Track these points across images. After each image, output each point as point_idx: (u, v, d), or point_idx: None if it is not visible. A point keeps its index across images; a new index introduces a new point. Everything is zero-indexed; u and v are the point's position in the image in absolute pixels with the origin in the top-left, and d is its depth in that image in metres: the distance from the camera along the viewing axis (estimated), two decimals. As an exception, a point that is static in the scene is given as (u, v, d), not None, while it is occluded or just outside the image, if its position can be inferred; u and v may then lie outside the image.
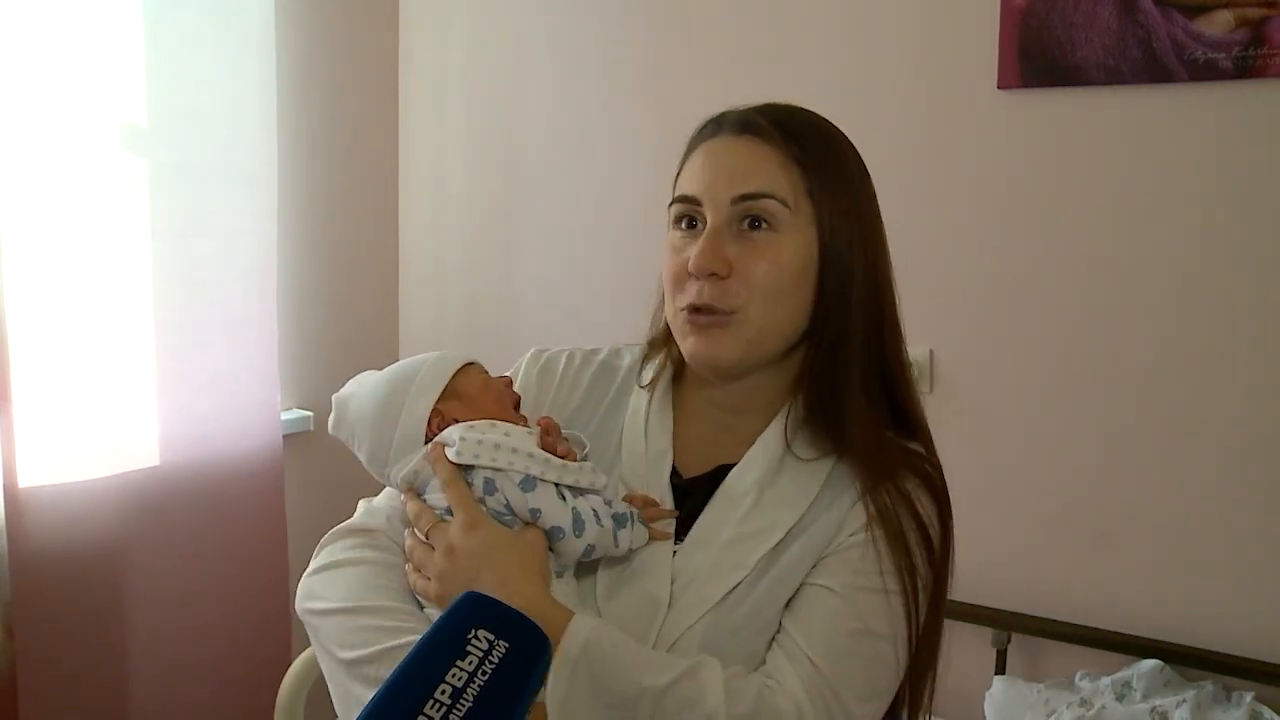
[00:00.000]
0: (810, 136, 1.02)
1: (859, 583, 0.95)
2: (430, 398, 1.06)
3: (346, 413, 1.12)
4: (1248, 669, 1.77)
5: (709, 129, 1.05)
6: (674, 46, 2.31)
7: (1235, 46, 1.75)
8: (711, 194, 0.99)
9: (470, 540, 0.96)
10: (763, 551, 0.98)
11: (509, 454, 0.98)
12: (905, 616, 0.96)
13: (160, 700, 2.10)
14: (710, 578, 0.98)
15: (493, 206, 2.59)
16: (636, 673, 0.88)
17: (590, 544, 0.97)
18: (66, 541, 1.95)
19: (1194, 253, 1.83)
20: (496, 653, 0.66)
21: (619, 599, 0.98)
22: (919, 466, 1.02)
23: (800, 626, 0.95)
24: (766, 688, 0.90)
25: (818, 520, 0.99)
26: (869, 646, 0.94)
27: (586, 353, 1.19)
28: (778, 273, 0.98)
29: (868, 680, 0.94)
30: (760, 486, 1.01)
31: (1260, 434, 1.79)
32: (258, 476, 2.25)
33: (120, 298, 2.02)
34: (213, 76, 2.11)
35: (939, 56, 2.01)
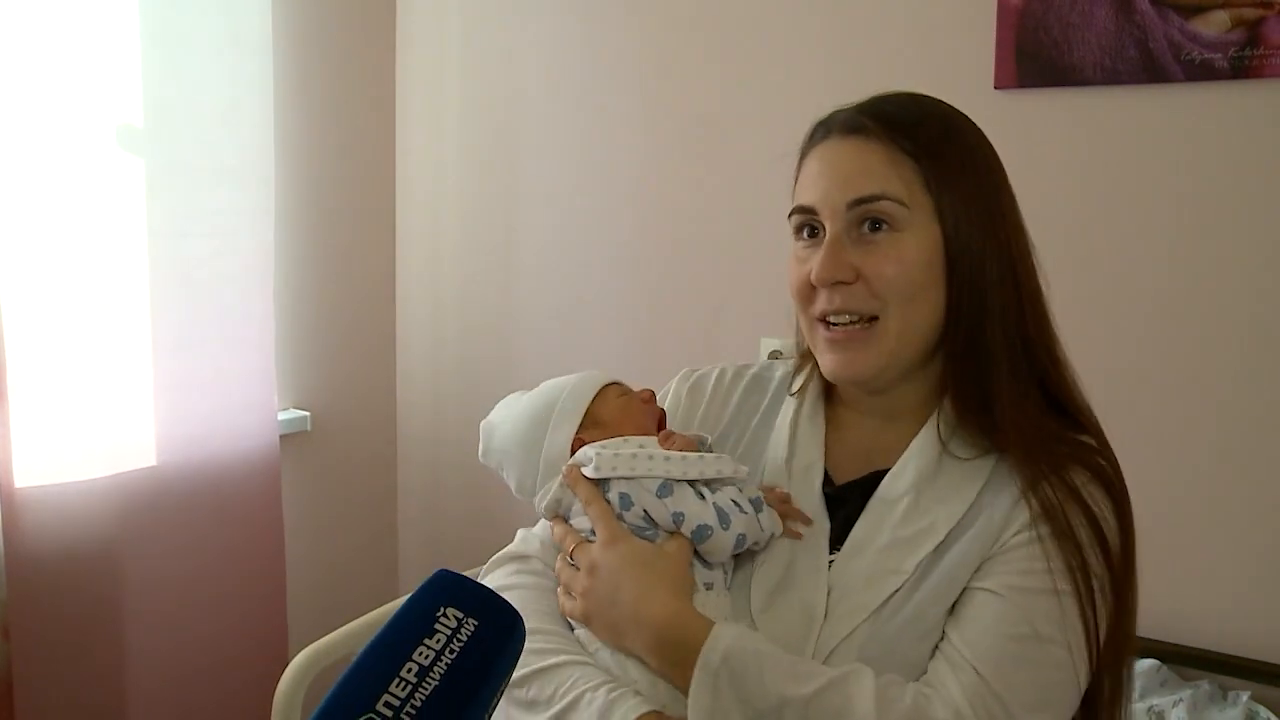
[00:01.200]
0: (921, 126, 0.99)
1: (1025, 584, 0.90)
2: (571, 426, 1.07)
3: (493, 441, 1.12)
4: (1244, 668, 1.77)
5: (818, 133, 1.03)
6: (668, 50, 2.31)
7: (1231, 47, 1.75)
8: (827, 202, 0.98)
9: (609, 556, 0.97)
10: (921, 555, 0.94)
11: (646, 461, 0.98)
12: (1080, 619, 0.89)
13: (157, 700, 2.09)
14: (867, 585, 0.95)
15: (488, 206, 2.59)
16: (780, 682, 0.86)
17: (740, 533, 0.96)
18: (63, 542, 1.95)
19: (1191, 252, 1.83)
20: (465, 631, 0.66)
21: (774, 612, 0.96)
22: (1089, 459, 0.97)
23: (962, 632, 0.90)
24: (923, 695, 0.87)
25: (979, 520, 0.94)
26: (1038, 652, 0.88)
27: (738, 368, 1.19)
28: (905, 273, 0.95)
29: (1037, 689, 0.88)
30: (917, 489, 0.98)
31: (1257, 434, 1.80)
32: (255, 476, 2.25)
33: (117, 298, 2.01)
34: (209, 76, 2.11)
35: (935, 56, 2.01)
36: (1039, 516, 0.92)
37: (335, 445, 2.59)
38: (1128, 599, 0.96)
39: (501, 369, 2.53)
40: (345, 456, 2.63)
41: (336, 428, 2.58)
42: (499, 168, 2.56)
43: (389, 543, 2.76)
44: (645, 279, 2.38)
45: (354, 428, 2.63)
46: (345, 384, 2.62)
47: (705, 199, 2.27)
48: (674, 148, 2.31)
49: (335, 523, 2.60)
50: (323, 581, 2.53)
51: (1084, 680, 0.91)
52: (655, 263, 2.36)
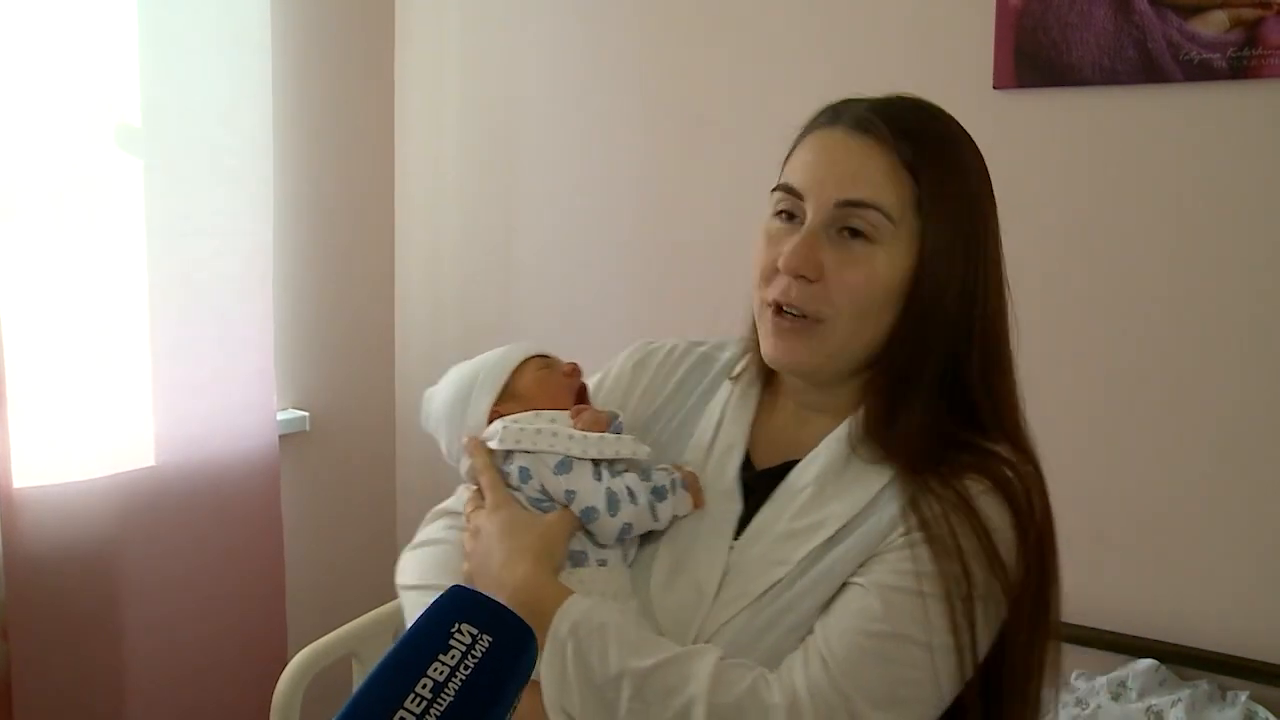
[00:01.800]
0: (931, 143, 0.97)
1: (893, 582, 0.90)
2: (489, 398, 1.10)
3: (431, 409, 1.16)
4: (1243, 668, 1.77)
5: (825, 117, 1.01)
6: (667, 48, 2.31)
7: (1230, 47, 1.75)
8: (817, 192, 0.96)
9: (490, 521, 1.00)
10: (809, 549, 0.95)
11: (550, 438, 1.01)
12: (949, 625, 0.89)
13: (156, 700, 2.09)
14: (755, 573, 0.96)
15: (488, 207, 2.59)
16: (622, 654, 0.88)
17: (627, 522, 0.98)
18: (62, 542, 1.94)
19: (1190, 252, 1.83)
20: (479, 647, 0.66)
21: (672, 590, 0.98)
22: (993, 469, 0.96)
23: (825, 623, 0.91)
24: (763, 679, 0.87)
25: (869, 521, 0.95)
26: (895, 649, 0.88)
27: (689, 344, 1.20)
28: (869, 287, 0.95)
29: (887, 686, 0.87)
30: (820, 483, 0.99)
31: (1256, 434, 1.80)
32: (254, 476, 2.25)
33: (115, 298, 2.01)
34: (208, 76, 2.11)
35: (934, 56, 2.01)
36: (916, 526, 0.92)
37: (334, 445, 2.59)
38: (1031, 609, 0.95)
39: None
40: (344, 457, 2.62)
41: (336, 428, 2.58)
42: (498, 167, 2.56)
43: (388, 543, 2.76)
44: (645, 279, 2.38)
45: (353, 428, 2.63)
46: (344, 384, 2.61)
47: (705, 198, 2.27)
48: (674, 147, 2.31)
49: (334, 523, 2.60)
50: (322, 581, 2.53)
51: (948, 686, 0.90)
52: (655, 263, 2.36)
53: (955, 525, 0.91)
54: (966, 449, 0.97)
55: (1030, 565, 0.95)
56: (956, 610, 0.89)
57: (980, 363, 0.99)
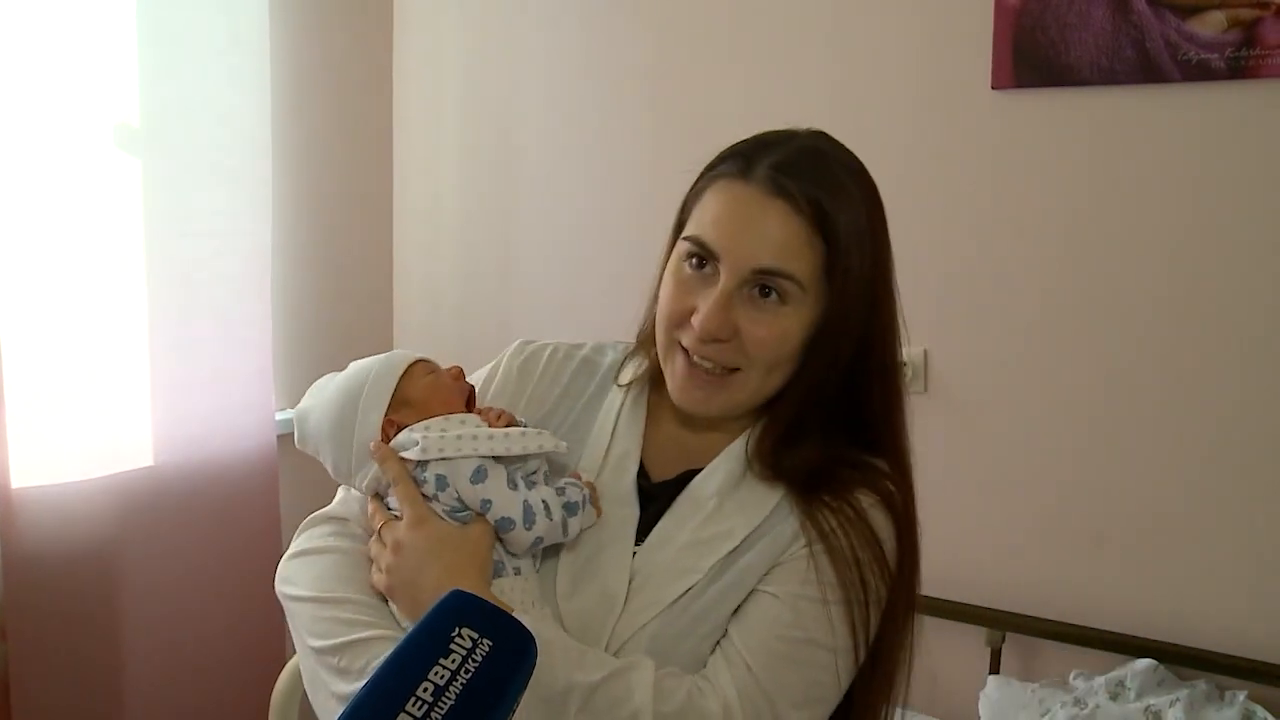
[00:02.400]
0: (839, 200, 0.98)
1: (802, 591, 0.96)
2: (380, 409, 1.06)
3: (307, 428, 1.11)
4: (1241, 668, 1.77)
5: (735, 165, 1.02)
6: (667, 48, 2.31)
7: (1228, 47, 1.76)
8: (731, 254, 0.98)
9: (415, 536, 0.99)
10: (717, 557, 0.99)
11: (471, 441, 1.00)
12: (849, 629, 0.96)
13: (155, 701, 2.09)
14: (665, 580, 0.99)
15: (487, 208, 2.59)
16: (568, 669, 0.90)
17: (539, 536, 0.98)
18: (60, 542, 1.94)
19: (1188, 252, 1.84)
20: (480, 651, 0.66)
21: (579, 597, 1.00)
22: (879, 485, 1.02)
23: (740, 630, 0.96)
24: (697, 688, 0.92)
25: (773, 530, 1.00)
26: (807, 654, 0.95)
27: (570, 347, 1.21)
28: (780, 346, 0.99)
29: (803, 687, 0.95)
30: (720, 495, 1.03)
31: (1254, 434, 1.80)
32: (252, 477, 2.24)
33: (114, 298, 2.01)
34: (207, 76, 2.11)
35: (933, 57, 2.01)
36: (815, 538, 0.98)
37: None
38: (902, 613, 1.03)
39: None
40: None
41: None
42: (497, 168, 2.56)
43: (387, 543, 2.76)
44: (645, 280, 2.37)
45: (352, 428, 2.63)
46: None
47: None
48: (672, 147, 2.31)
49: (333, 523, 2.60)
50: (320, 582, 2.52)
51: (845, 683, 0.98)
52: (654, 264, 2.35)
53: (852, 537, 0.98)
54: (851, 465, 1.04)
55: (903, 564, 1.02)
56: (855, 614, 0.97)
57: (880, 395, 1.05)
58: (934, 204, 2.00)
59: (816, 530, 0.98)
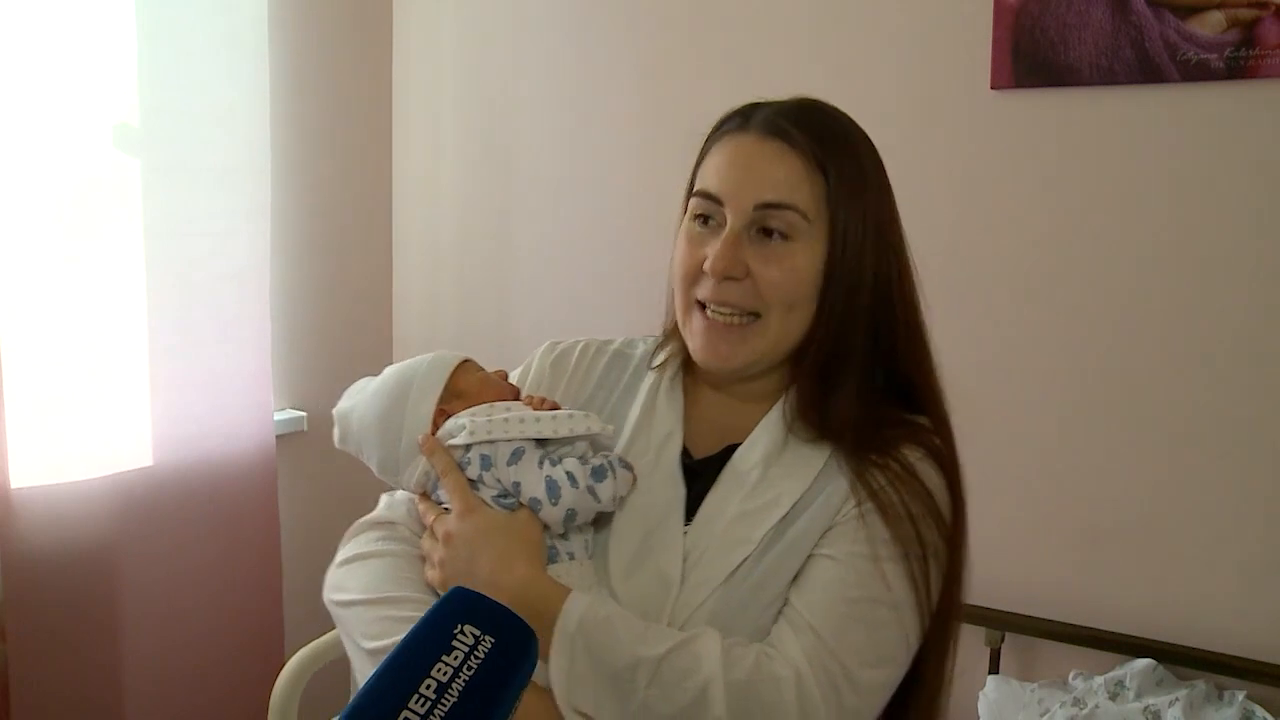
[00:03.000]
0: (836, 142, 1.02)
1: (859, 550, 0.96)
2: (432, 400, 1.07)
3: (350, 426, 1.14)
4: (1240, 668, 1.77)
5: (735, 122, 1.06)
6: (665, 50, 2.31)
7: (1227, 47, 1.76)
8: (735, 196, 1.00)
9: (464, 525, 0.99)
10: (768, 526, 0.99)
11: (518, 424, 1.00)
12: (910, 584, 0.96)
13: (154, 701, 2.09)
14: (718, 554, 0.99)
15: (486, 207, 2.59)
16: (632, 644, 0.90)
17: (570, 508, 0.98)
18: (59, 543, 1.94)
19: (1187, 252, 1.84)
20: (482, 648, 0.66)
21: (634, 580, 1.00)
22: (924, 439, 1.03)
23: (802, 595, 0.96)
24: (765, 654, 0.91)
25: (824, 493, 1.00)
26: (871, 612, 0.94)
27: (600, 343, 1.22)
28: (793, 282, 1.00)
29: (872, 646, 0.94)
30: (765, 464, 1.02)
31: (1253, 433, 1.80)
32: (251, 477, 2.24)
33: (113, 298, 2.01)
34: (206, 76, 2.11)
35: (932, 56, 2.01)
36: (866, 497, 0.98)
37: (331, 446, 2.56)
38: (957, 564, 1.03)
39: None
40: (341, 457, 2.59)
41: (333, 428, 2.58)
42: (495, 168, 2.56)
43: (386, 543, 2.76)
44: (643, 280, 2.37)
45: (351, 428, 2.63)
46: (342, 385, 2.57)
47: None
48: (670, 147, 2.30)
49: (331, 523, 2.58)
50: (319, 582, 2.50)
51: (914, 639, 0.98)
52: (653, 263, 2.35)
53: (902, 492, 0.98)
54: (894, 423, 1.04)
55: (956, 516, 1.02)
56: (914, 570, 0.96)
57: (905, 340, 1.05)
58: (932, 204, 2.00)
59: (866, 489, 0.98)
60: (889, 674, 0.96)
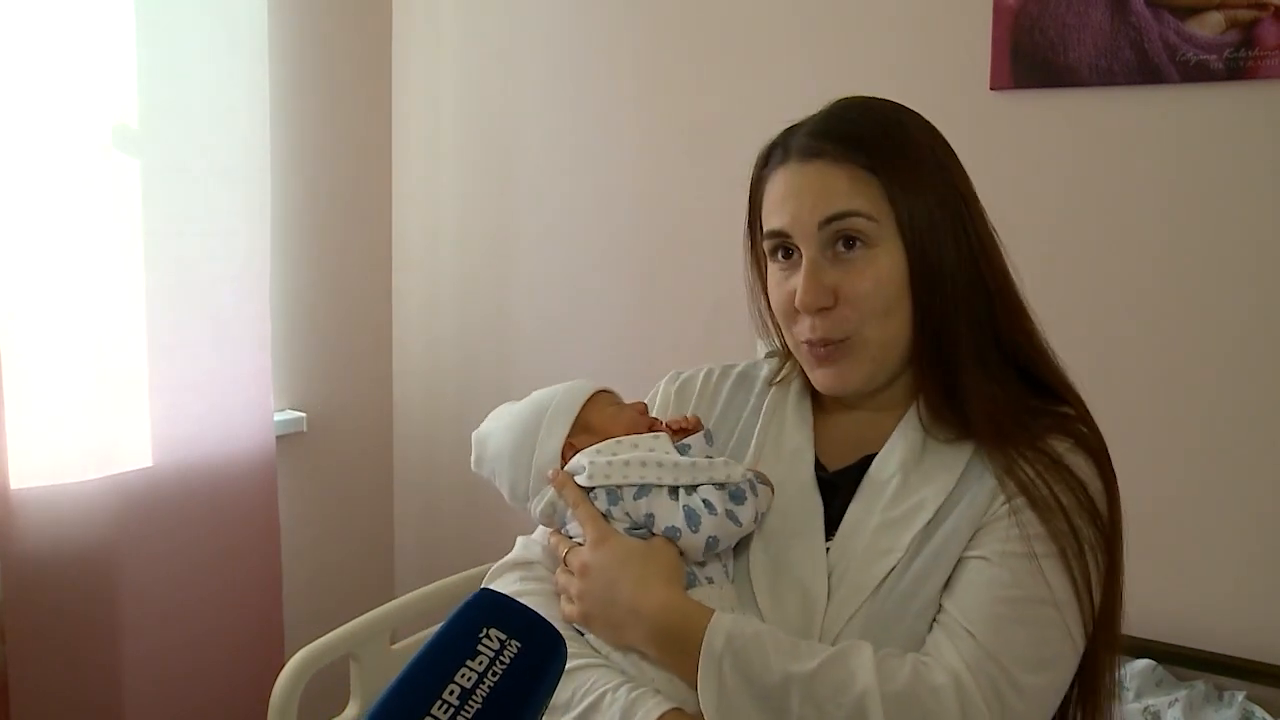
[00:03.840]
0: (876, 139, 1.00)
1: (1012, 549, 0.92)
2: (561, 433, 1.07)
3: (486, 451, 1.12)
4: (1239, 668, 1.78)
5: (775, 156, 1.04)
6: (664, 48, 2.31)
7: (1226, 48, 1.76)
8: (798, 224, 0.99)
9: (599, 555, 0.98)
10: (913, 532, 0.96)
11: (639, 468, 0.99)
12: (1069, 581, 0.92)
13: (154, 702, 2.09)
14: (863, 566, 0.96)
15: (486, 206, 2.59)
16: (782, 661, 0.88)
17: (711, 535, 0.97)
18: (58, 543, 1.94)
19: (1187, 253, 1.84)
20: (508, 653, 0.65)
21: (779, 599, 0.98)
22: (1070, 427, 1.00)
23: (956, 600, 0.92)
24: (922, 664, 0.88)
25: (968, 494, 0.97)
26: (1031, 612, 0.90)
27: (725, 367, 1.21)
28: (881, 289, 0.97)
29: (1033, 648, 0.90)
30: (904, 470, 1.00)
31: (1253, 434, 1.80)
32: (250, 478, 2.24)
33: (112, 299, 2.01)
34: (205, 77, 2.11)
35: (931, 57, 2.01)
36: (1016, 492, 0.94)
37: (331, 446, 2.59)
38: (1117, 556, 1.00)
39: (497, 370, 2.53)
40: (341, 458, 2.62)
41: (332, 429, 2.58)
42: (494, 169, 2.56)
43: (385, 544, 2.76)
44: (642, 280, 2.38)
45: (350, 429, 2.63)
46: (341, 385, 2.61)
47: (701, 197, 2.27)
48: (669, 146, 2.31)
49: (331, 524, 2.60)
50: (319, 583, 2.53)
51: (1079, 640, 0.94)
52: (651, 263, 2.36)
53: (1052, 484, 0.94)
54: (1036, 413, 1.00)
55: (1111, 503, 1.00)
56: (1072, 565, 0.92)
57: (1006, 314, 1.02)
58: (932, 205, 2.00)
59: (1015, 483, 0.94)
60: (1055, 678, 0.92)
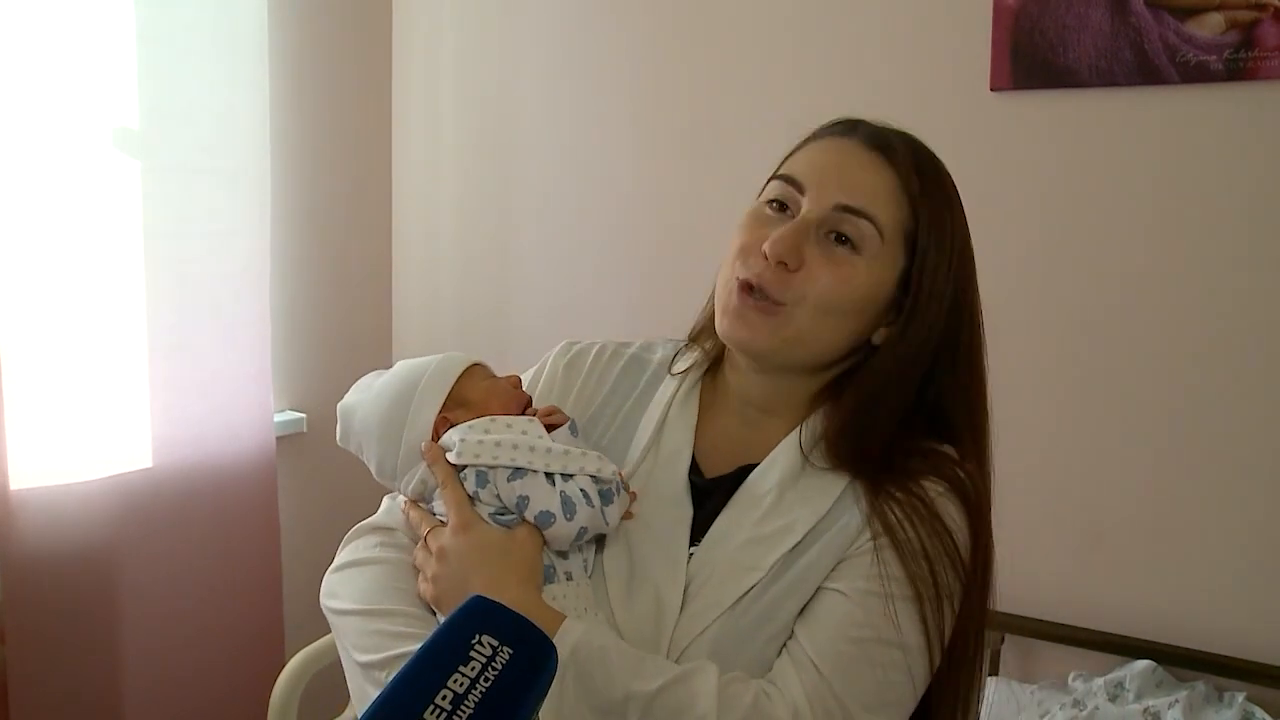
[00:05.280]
0: (934, 182, 0.99)
1: (870, 588, 0.91)
2: (434, 406, 1.03)
3: (352, 423, 1.10)
4: (1239, 669, 1.78)
5: (841, 128, 1.02)
6: (663, 47, 2.31)
7: (1226, 49, 1.76)
8: (819, 187, 0.96)
9: (460, 542, 0.95)
10: (779, 554, 0.94)
11: (510, 450, 0.96)
12: (921, 627, 0.91)
13: (154, 703, 2.09)
14: (724, 580, 0.94)
15: (486, 207, 2.59)
16: (625, 678, 0.86)
17: (583, 526, 0.95)
18: (58, 544, 1.94)
19: (1187, 254, 1.84)
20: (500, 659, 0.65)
21: (632, 603, 0.96)
22: (947, 471, 0.98)
23: (808, 631, 0.91)
24: (764, 694, 0.87)
25: (839, 523, 0.95)
26: (879, 654, 0.90)
27: (618, 345, 1.18)
28: (841, 292, 0.95)
29: (876, 689, 0.89)
30: (781, 488, 0.98)
31: (1252, 435, 1.80)
32: (251, 478, 2.24)
33: (113, 299, 2.01)
34: (206, 78, 2.11)
35: (931, 58, 2.01)
36: (880, 532, 0.93)
37: (331, 447, 2.55)
38: (978, 607, 0.98)
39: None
40: (341, 459, 2.58)
41: (333, 429, 2.57)
42: (495, 170, 2.56)
43: (385, 545, 2.76)
44: (641, 278, 2.37)
45: (350, 430, 2.63)
46: (341, 386, 2.56)
47: (700, 196, 2.27)
48: (669, 145, 2.31)
49: (331, 525, 2.57)
50: (319, 584, 2.50)
51: (920, 684, 0.93)
52: (651, 262, 2.36)
53: (919, 528, 0.93)
54: (917, 452, 0.99)
55: (980, 562, 0.98)
56: (926, 612, 0.91)
57: (962, 387, 1.02)
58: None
59: (882, 523, 0.93)
60: (890, 718, 0.92)
